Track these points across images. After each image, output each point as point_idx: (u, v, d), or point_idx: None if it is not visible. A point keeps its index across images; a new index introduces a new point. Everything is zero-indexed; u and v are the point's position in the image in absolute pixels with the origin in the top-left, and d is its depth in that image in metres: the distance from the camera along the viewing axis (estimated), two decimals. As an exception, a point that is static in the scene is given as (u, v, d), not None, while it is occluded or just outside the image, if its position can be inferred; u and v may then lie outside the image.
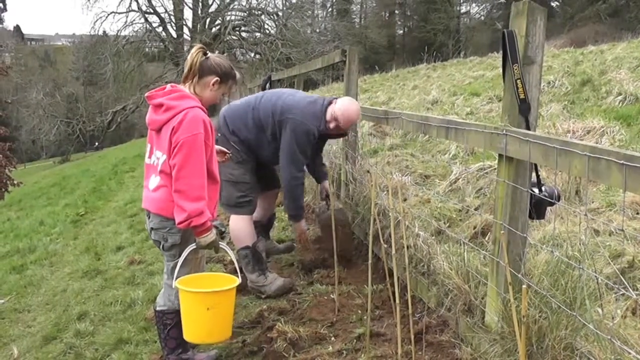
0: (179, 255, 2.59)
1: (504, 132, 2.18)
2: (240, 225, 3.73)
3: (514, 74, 2.14)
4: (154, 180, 2.63)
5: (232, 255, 2.72)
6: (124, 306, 3.99)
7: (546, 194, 2.28)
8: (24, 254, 6.38)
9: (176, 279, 2.55)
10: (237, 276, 2.64)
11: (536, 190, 2.29)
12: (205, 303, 2.46)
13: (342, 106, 3.58)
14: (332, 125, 3.59)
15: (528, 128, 2.17)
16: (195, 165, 2.48)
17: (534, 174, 2.32)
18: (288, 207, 3.83)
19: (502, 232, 2.20)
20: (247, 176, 3.72)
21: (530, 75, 2.18)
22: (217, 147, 2.89)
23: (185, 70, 2.68)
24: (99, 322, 3.82)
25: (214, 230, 2.59)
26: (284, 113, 3.59)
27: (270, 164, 3.92)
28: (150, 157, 2.68)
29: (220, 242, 2.64)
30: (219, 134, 3.63)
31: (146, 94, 2.70)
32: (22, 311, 4.42)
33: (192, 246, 2.59)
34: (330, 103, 3.64)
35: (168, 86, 2.66)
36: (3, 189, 15.78)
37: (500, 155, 2.29)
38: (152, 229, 2.69)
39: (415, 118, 3.16)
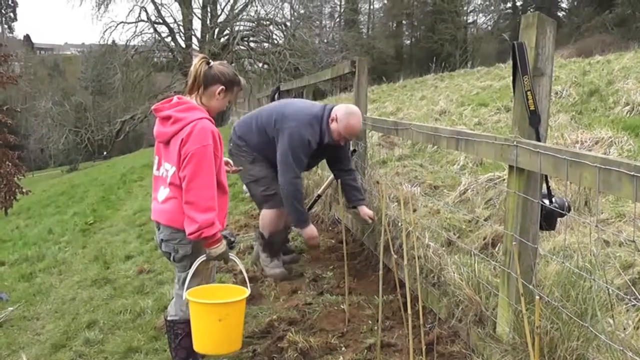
0: (190, 266, 2.59)
1: (515, 143, 2.19)
2: (266, 215, 4.07)
3: (524, 85, 2.15)
4: (163, 192, 2.63)
5: (241, 266, 2.72)
6: (133, 315, 4.00)
7: (556, 205, 2.29)
8: (32, 262, 6.39)
9: (187, 289, 2.55)
10: (247, 286, 2.65)
11: (547, 202, 2.29)
12: (216, 314, 2.45)
13: (343, 118, 3.73)
14: (336, 136, 3.79)
15: (538, 139, 2.18)
16: (205, 177, 2.48)
17: (544, 185, 2.33)
18: (291, 215, 3.96)
19: (513, 243, 2.21)
20: (265, 170, 3.97)
21: (540, 87, 2.19)
22: (224, 158, 2.91)
23: (190, 81, 2.67)
24: (108, 330, 3.83)
25: (224, 242, 2.59)
26: (282, 121, 3.81)
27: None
28: (158, 169, 2.69)
29: (229, 253, 2.65)
30: (231, 144, 3.95)
31: (153, 107, 2.69)
32: (31, 319, 4.43)
33: (202, 257, 2.59)
34: (330, 113, 3.80)
35: (174, 98, 2.66)
36: (12, 197, 15.93)
37: (510, 167, 2.29)
38: (162, 240, 2.69)
39: (425, 129, 3.17)
